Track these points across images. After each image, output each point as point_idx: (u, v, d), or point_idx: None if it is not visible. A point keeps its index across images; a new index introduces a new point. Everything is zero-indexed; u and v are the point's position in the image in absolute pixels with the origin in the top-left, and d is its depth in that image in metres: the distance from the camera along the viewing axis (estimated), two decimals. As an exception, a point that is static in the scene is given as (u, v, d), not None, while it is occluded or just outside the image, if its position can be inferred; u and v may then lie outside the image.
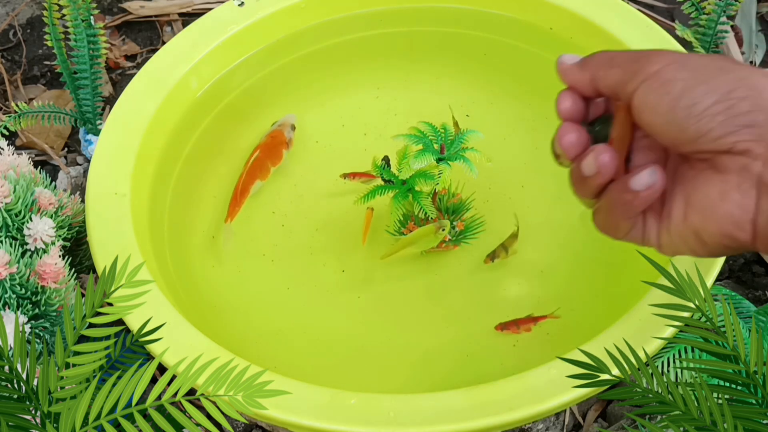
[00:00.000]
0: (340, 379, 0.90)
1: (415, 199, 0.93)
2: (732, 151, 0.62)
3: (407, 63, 1.16)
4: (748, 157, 0.62)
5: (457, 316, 0.94)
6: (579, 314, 0.93)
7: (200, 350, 0.81)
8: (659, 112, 0.64)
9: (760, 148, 0.61)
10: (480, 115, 1.10)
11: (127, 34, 1.36)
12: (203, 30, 1.10)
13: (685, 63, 0.64)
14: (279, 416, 0.78)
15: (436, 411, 0.78)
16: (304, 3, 1.13)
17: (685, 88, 0.63)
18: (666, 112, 0.63)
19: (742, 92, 0.62)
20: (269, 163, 1.05)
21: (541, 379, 0.79)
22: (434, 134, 0.94)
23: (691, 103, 0.62)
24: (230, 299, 0.97)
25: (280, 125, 1.07)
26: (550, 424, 0.96)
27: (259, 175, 1.04)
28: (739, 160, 0.62)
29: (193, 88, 1.08)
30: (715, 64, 0.64)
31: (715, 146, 0.62)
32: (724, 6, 1.12)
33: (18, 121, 1.11)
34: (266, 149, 1.05)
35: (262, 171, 1.04)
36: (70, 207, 0.97)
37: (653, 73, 0.65)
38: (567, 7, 1.09)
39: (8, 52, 1.34)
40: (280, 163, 1.06)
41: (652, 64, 0.65)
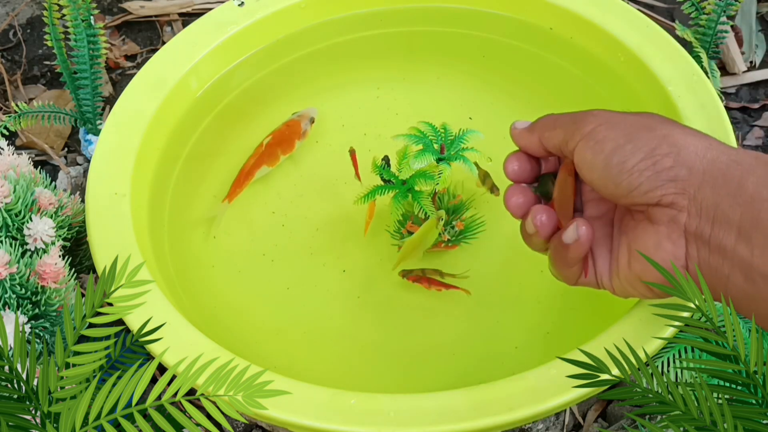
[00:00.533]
0: (340, 379, 0.90)
1: (415, 199, 0.93)
2: (660, 204, 0.69)
3: (407, 63, 1.16)
4: (674, 209, 0.69)
5: (456, 316, 0.94)
6: (579, 314, 0.93)
7: (200, 350, 0.81)
8: (595, 168, 0.71)
9: (684, 200, 0.68)
10: (480, 115, 1.10)
11: (127, 34, 1.36)
12: (203, 30, 1.10)
13: (615, 123, 0.71)
14: (279, 416, 0.77)
15: (436, 411, 0.78)
16: (304, 3, 1.13)
17: (616, 146, 0.70)
18: (601, 168, 0.70)
19: (665, 149, 0.68)
20: (279, 150, 1.05)
21: (541, 379, 0.79)
22: (434, 134, 0.94)
23: (622, 161, 0.69)
24: (230, 299, 0.97)
25: (300, 116, 1.08)
26: (550, 424, 0.96)
27: (267, 160, 1.04)
28: (667, 212, 0.69)
29: (193, 88, 1.08)
30: (642, 122, 0.71)
31: (645, 199, 0.69)
32: (724, 6, 1.12)
33: (18, 121, 1.11)
34: (279, 136, 1.05)
35: (270, 157, 1.04)
36: (70, 207, 0.97)
37: (588, 132, 0.72)
38: (567, 7, 1.09)
39: (8, 52, 1.34)
40: (290, 152, 1.06)
41: (587, 125, 0.72)
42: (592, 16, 1.08)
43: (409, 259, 0.94)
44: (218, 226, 1.01)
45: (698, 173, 0.67)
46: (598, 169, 0.71)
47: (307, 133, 1.07)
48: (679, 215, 0.68)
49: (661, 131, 0.70)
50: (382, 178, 0.96)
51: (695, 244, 0.69)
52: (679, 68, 1.01)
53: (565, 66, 1.12)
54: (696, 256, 0.69)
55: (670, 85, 1.00)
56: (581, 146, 0.72)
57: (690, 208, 0.68)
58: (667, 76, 1.01)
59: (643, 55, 1.03)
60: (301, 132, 1.06)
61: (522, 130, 0.79)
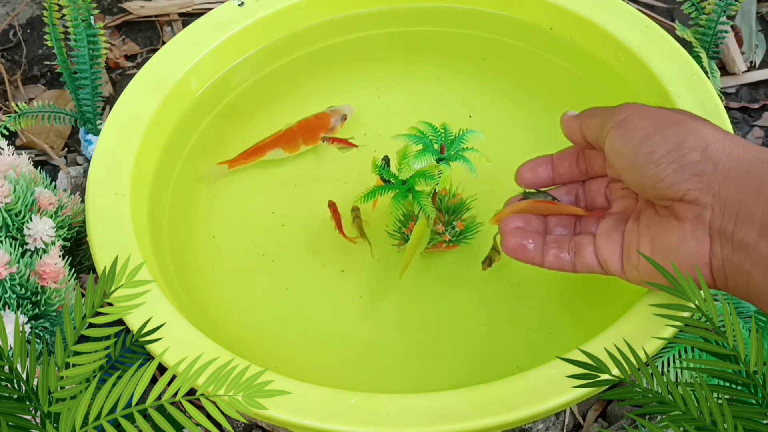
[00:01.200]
0: (340, 379, 0.90)
1: (415, 199, 0.93)
2: (685, 200, 0.70)
3: (407, 63, 1.16)
4: (699, 206, 0.70)
5: (456, 316, 0.94)
6: (579, 314, 0.93)
7: (200, 350, 0.81)
8: (623, 156, 0.73)
9: (708, 197, 0.69)
10: (480, 115, 1.10)
11: (127, 34, 1.36)
12: (203, 30, 1.10)
13: (646, 114, 0.73)
14: (279, 416, 0.78)
15: (436, 411, 0.78)
16: (304, 3, 1.13)
17: (645, 135, 0.72)
18: (629, 156, 0.72)
19: (693, 143, 0.70)
20: (301, 139, 1.04)
21: (541, 379, 0.79)
22: (434, 134, 0.94)
23: (649, 151, 0.71)
24: (230, 299, 0.97)
25: (333, 110, 1.07)
26: (550, 424, 0.96)
27: (284, 144, 1.04)
28: (692, 208, 0.70)
29: (193, 88, 1.08)
30: (673, 116, 0.73)
31: (671, 192, 0.70)
32: (724, 6, 1.12)
33: (18, 121, 1.11)
34: (304, 125, 1.05)
35: (288, 142, 1.04)
36: (70, 207, 0.97)
37: (619, 121, 0.74)
38: (567, 7, 1.09)
39: (8, 52, 1.34)
40: (313, 144, 1.05)
41: (619, 114, 0.75)
42: (592, 16, 1.08)
43: (411, 262, 0.94)
44: (211, 181, 1.01)
45: (723, 170, 0.68)
46: (626, 157, 0.72)
47: (336, 129, 1.06)
48: (704, 212, 0.69)
49: (690, 125, 0.71)
50: (382, 178, 0.95)
51: (719, 241, 0.69)
52: (679, 68, 1.01)
53: (565, 66, 1.12)
54: (719, 253, 0.69)
55: (670, 85, 1.00)
56: (612, 134, 0.74)
57: (714, 205, 0.68)
58: (667, 76, 1.01)
59: (643, 55, 1.03)
60: (329, 126, 1.05)
61: (569, 116, 0.83)
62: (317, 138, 1.05)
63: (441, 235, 0.96)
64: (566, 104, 1.10)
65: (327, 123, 1.06)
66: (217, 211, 1.03)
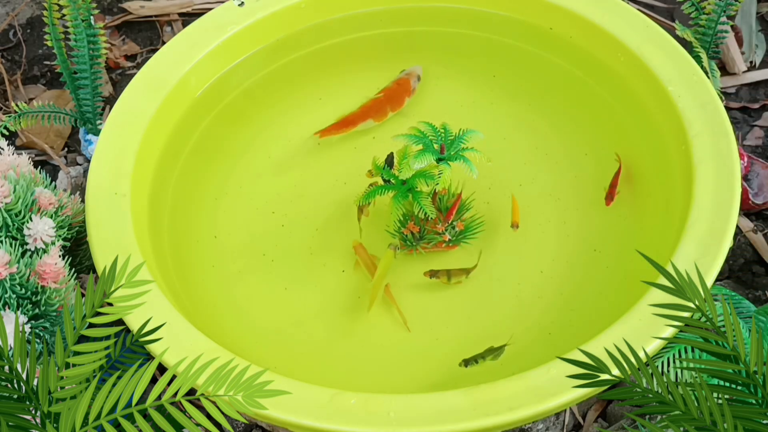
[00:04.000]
0: (340, 379, 0.90)
1: (415, 199, 0.93)
2: None
3: (407, 63, 1.16)
4: None
5: (456, 316, 0.94)
6: (579, 314, 0.93)
7: (200, 350, 0.80)
8: None
9: None
10: (480, 115, 1.10)
11: (127, 34, 1.36)
12: (203, 30, 1.10)
13: None
14: (279, 416, 0.78)
15: (436, 411, 0.78)
16: (304, 3, 1.13)
17: None
18: None
19: None
20: (389, 107, 1.07)
21: (541, 379, 0.79)
22: (434, 134, 0.94)
23: None
24: (230, 299, 0.97)
25: (408, 74, 1.10)
26: (550, 424, 0.96)
27: (374, 115, 1.07)
28: None
29: (192, 87, 1.08)
30: None
31: None
32: (724, 6, 1.12)
33: (18, 121, 1.11)
34: (390, 93, 1.08)
35: (378, 112, 1.07)
36: (70, 207, 0.97)
37: None
38: (567, 7, 1.09)
39: (8, 52, 1.34)
40: (400, 108, 1.08)
41: None
42: (592, 16, 1.08)
43: (379, 294, 0.94)
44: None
45: None
46: None
47: (415, 90, 1.09)
48: None
49: None
50: (382, 178, 0.95)
51: None
52: (679, 68, 1.01)
53: (565, 66, 1.12)
54: None
55: (670, 85, 1.00)
56: None
57: None
58: (667, 76, 1.01)
59: (643, 55, 1.03)
60: (411, 89, 1.08)
61: None
62: (403, 102, 1.08)
63: (441, 235, 0.96)
64: (566, 104, 1.11)
65: (409, 86, 1.09)
66: (218, 211, 1.03)
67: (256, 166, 1.07)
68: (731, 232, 0.88)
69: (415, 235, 0.96)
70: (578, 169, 1.04)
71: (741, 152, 1.08)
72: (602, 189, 1.01)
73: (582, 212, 1.00)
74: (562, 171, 1.04)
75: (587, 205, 1.01)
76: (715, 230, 0.88)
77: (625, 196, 1.01)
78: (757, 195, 1.08)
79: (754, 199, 1.08)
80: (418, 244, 0.96)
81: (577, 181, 1.03)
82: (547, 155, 1.06)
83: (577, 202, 1.01)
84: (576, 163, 1.05)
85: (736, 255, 1.06)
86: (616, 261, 0.96)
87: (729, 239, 0.87)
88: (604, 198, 1.00)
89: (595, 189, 1.02)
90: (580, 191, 1.02)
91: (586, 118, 1.08)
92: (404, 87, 1.08)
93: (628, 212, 1.00)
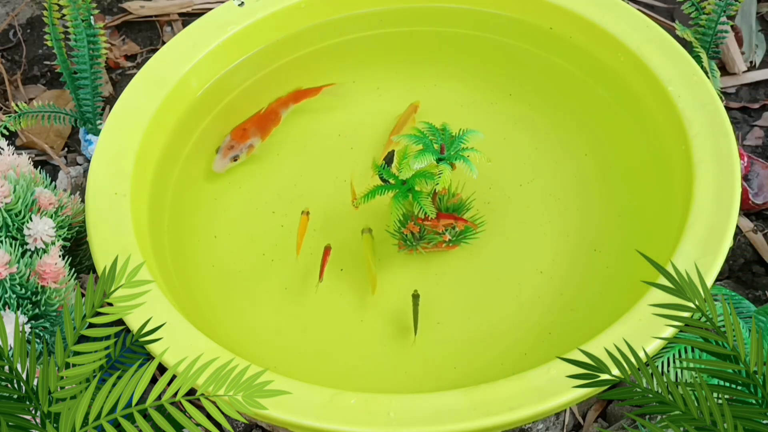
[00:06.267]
0: (340, 379, 0.90)
1: (415, 199, 0.93)
2: None
3: (407, 63, 1.16)
4: None
5: (456, 316, 0.94)
6: (579, 314, 0.93)
7: (200, 350, 0.81)
8: None
9: None
10: (480, 115, 1.10)
11: (127, 34, 1.36)
12: (203, 30, 1.10)
13: None
14: (279, 416, 0.78)
15: (436, 411, 0.78)
16: (304, 3, 1.13)
17: None
18: None
19: None
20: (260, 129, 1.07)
21: (541, 379, 0.79)
22: (434, 134, 0.94)
23: None
24: (230, 299, 0.97)
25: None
26: (550, 424, 0.96)
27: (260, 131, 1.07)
28: None
29: (193, 87, 1.08)
30: None
31: None
32: (724, 6, 1.12)
33: (18, 121, 1.11)
34: (259, 119, 1.08)
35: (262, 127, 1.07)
36: (70, 207, 0.97)
37: None
38: (567, 7, 1.09)
39: (8, 52, 1.34)
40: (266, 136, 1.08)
41: None
42: (592, 16, 1.08)
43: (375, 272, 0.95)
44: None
45: None
46: None
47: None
48: None
49: None
50: (381, 178, 0.95)
51: None
52: (679, 68, 1.01)
53: (565, 66, 1.12)
54: None
55: (670, 85, 1.00)
56: None
57: None
58: (667, 76, 1.01)
59: (643, 55, 1.03)
60: (279, 118, 1.09)
61: None
62: (268, 131, 1.08)
63: (441, 235, 0.96)
64: (566, 104, 1.11)
65: (278, 117, 1.09)
66: (218, 212, 1.03)
67: (256, 166, 1.07)
68: (731, 232, 0.88)
69: (415, 235, 0.96)
70: (578, 169, 1.04)
71: (741, 152, 1.08)
72: (602, 189, 1.01)
73: (582, 212, 1.00)
74: (562, 171, 1.04)
75: (587, 205, 1.01)
76: (715, 230, 0.88)
77: (626, 196, 1.01)
78: (757, 195, 1.08)
79: (754, 199, 1.08)
80: (418, 244, 0.96)
81: (577, 181, 1.03)
82: (547, 155, 1.06)
83: (577, 202, 1.01)
84: (576, 163, 1.05)
85: (736, 255, 1.06)
86: (616, 261, 0.96)
87: (729, 239, 0.87)
88: (601, 198, 0.99)
89: (595, 189, 1.02)
90: (580, 191, 1.02)
91: (586, 118, 1.08)
92: (273, 116, 1.09)
93: (628, 212, 1.00)
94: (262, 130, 1.07)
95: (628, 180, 1.02)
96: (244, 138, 1.05)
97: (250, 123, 1.07)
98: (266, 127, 1.07)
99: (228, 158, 1.04)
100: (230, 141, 1.05)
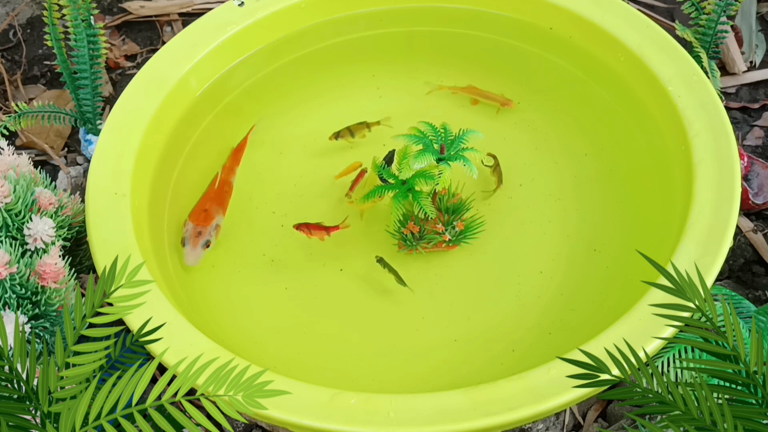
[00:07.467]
0: (340, 379, 0.90)
1: (415, 199, 0.93)
2: None
3: (407, 63, 1.16)
4: None
5: (456, 316, 0.94)
6: (579, 314, 0.93)
7: (200, 350, 0.81)
8: None
9: None
10: (480, 115, 1.10)
11: (127, 34, 1.36)
12: (203, 30, 1.10)
13: None
14: (279, 416, 0.78)
15: (436, 411, 0.78)
16: (304, 3, 1.13)
17: None
18: None
19: None
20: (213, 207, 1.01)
21: (541, 379, 0.79)
22: (434, 134, 0.94)
23: None
24: (230, 299, 0.97)
25: None
26: (550, 424, 0.96)
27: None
28: None
29: (193, 87, 1.08)
30: None
31: None
32: (724, 6, 1.12)
33: (18, 121, 1.11)
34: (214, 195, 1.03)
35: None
36: (70, 207, 0.97)
37: None
38: (567, 7, 1.09)
39: (8, 52, 1.34)
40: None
41: None
42: (592, 16, 1.08)
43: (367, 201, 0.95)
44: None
45: None
46: None
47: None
48: None
49: None
50: (381, 178, 0.95)
51: None
52: (679, 68, 1.01)
53: (565, 66, 1.12)
54: None
55: (670, 85, 1.00)
56: None
57: None
58: (667, 76, 1.01)
59: (643, 55, 1.03)
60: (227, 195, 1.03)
61: None
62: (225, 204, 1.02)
63: (441, 235, 0.96)
64: (566, 104, 1.11)
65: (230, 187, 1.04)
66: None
67: (256, 166, 1.07)
68: (731, 232, 0.88)
69: (415, 235, 0.96)
70: (578, 169, 1.04)
71: (741, 152, 1.08)
72: (602, 189, 1.01)
73: (582, 212, 1.00)
74: (562, 171, 1.04)
75: (587, 205, 1.01)
76: (715, 230, 0.88)
77: (625, 196, 1.01)
78: (757, 195, 1.08)
79: (754, 199, 1.08)
80: (418, 244, 0.96)
81: (577, 181, 1.03)
82: (547, 155, 1.06)
83: (577, 202, 1.01)
84: (576, 163, 1.05)
85: (736, 255, 1.06)
86: (616, 261, 0.96)
87: (729, 239, 0.87)
88: (601, 198, 0.99)
89: (595, 189, 1.02)
90: (580, 191, 1.02)
91: (586, 119, 1.08)
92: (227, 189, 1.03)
93: (628, 212, 1.00)
94: (222, 205, 1.01)
95: (628, 180, 1.02)
96: (208, 220, 0.99)
97: (209, 202, 1.01)
98: (224, 201, 1.02)
99: (199, 247, 0.97)
100: (195, 228, 0.98)
